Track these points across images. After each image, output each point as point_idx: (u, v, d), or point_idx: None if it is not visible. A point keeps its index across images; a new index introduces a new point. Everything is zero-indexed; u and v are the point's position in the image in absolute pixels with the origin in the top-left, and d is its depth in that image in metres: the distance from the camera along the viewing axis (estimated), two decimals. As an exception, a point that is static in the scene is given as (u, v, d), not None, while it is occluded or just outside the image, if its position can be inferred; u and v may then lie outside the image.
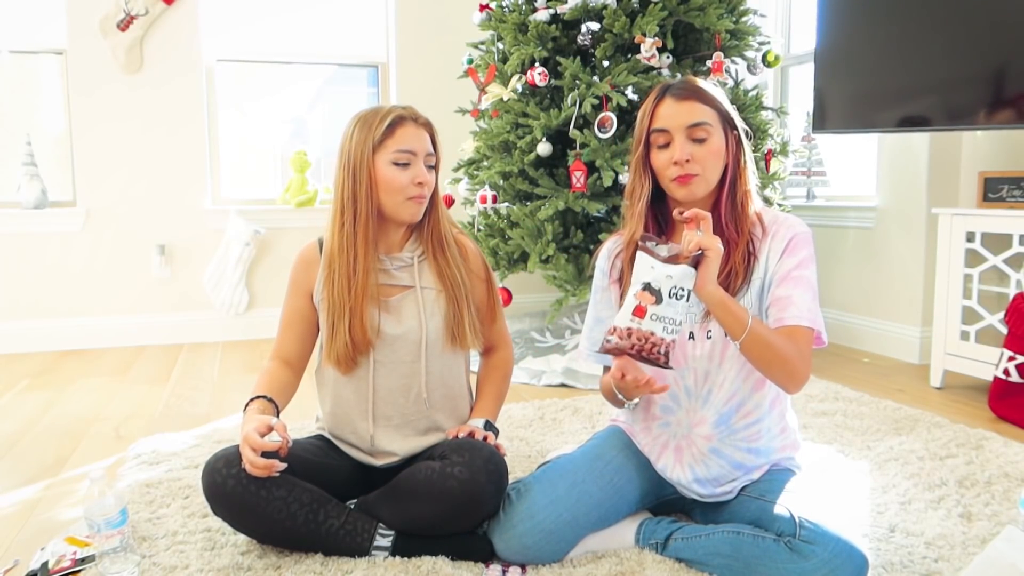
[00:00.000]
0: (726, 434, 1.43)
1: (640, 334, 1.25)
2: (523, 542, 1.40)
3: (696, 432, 1.45)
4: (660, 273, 1.25)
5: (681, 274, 1.25)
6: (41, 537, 1.63)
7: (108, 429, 2.39)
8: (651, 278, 1.25)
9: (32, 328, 3.60)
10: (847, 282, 3.54)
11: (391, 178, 1.48)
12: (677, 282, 1.25)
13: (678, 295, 1.25)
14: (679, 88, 1.40)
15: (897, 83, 2.76)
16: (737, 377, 1.41)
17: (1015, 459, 1.98)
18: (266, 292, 3.89)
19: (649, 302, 1.25)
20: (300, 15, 3.96)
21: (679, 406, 1.46)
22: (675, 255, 1.26)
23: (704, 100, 1.39)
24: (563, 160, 2.93)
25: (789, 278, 1.36)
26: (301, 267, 1.61)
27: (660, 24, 2.79)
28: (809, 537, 1.24)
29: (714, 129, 1.38)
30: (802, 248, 1.38)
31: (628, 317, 1.26)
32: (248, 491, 1.37)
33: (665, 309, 1.25)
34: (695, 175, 1.37)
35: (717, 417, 1.43)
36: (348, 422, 1.58)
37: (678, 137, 1.37)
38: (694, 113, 1.37)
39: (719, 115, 1.40)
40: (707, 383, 1.43)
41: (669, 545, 1.44)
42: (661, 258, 1.26)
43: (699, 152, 1.37)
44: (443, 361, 1.58)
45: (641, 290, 1.25)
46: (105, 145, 3.64)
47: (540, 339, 3.38)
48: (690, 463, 1.46)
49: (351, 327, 1.49)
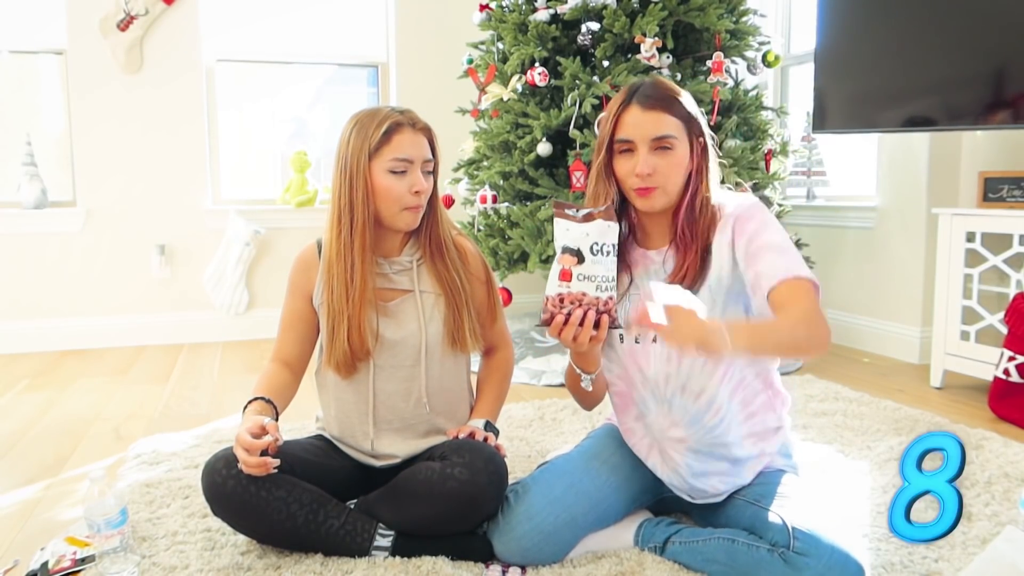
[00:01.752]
0: (700, 433, 1.40)
1: (572, 296, 1.24)
2: (522, 544, 1.40)
3: (670, 435, 1.43)
4: (577, 233, 1.24)
5: (598, 230, 1.24)
6: (41, 537, 1.63)
7: (108, 429, 2.39)
8: (568, 240, 1.25)
9: (32, 328, 3.60)
10: (847, 282, 3.54)
11: (387, 187, 1.46)
12: (596, 238, 1.24)
13: (602, 251, 1.24)
14: (646, 96, 1.35)
15: (897, 83, 2.76)
16: (700, 376, 1.37)
17: (1015, 459, 1.97)
18: (266, 292, 3.89)
19: (571, 263, 1.24)
20: (300, 15, 3.96)
21: (650, 409, 1.44)
22: (589, 214, 1.24)
23: (670, 110, 1.35)
24: (563, 160, 2.93)
25: (749, 255, 1.31)
26: (300, 270, 1.60)
27: (660, 24, 2.79)
28: (803, 549, 1.23)
29: (679, 141, 1.35)
30: (747, 224, 1.33)
31: (556, 284, 1.25)
32: (248, 491, 1.37)
33: (590, 267, 1.24)
34: (655, 187, 1.34)
35: (688, 418, 1.40)
36: (349, 425, 1.58)
37: (642, 148, 1.33)
38: (659, 125, 1.33)
39: (684, 124, 1.36)
40: (670, 386, 1.40)
41: (667, 548, 1.44)
42: (577, 219, 1.25)
43: (662, 164, 1.34)
44: (443, 364, 1.58)
45: (561, 253, 1.25)
46: (105, 145, 3.64)
47: (540, 339, 3.38)
48: (673, 467, 1.46)
49: (349, 335, 1.48)
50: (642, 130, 1.33)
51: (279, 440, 1.37)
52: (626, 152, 1.36)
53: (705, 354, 1.11)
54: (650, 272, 1.42)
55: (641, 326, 1.10)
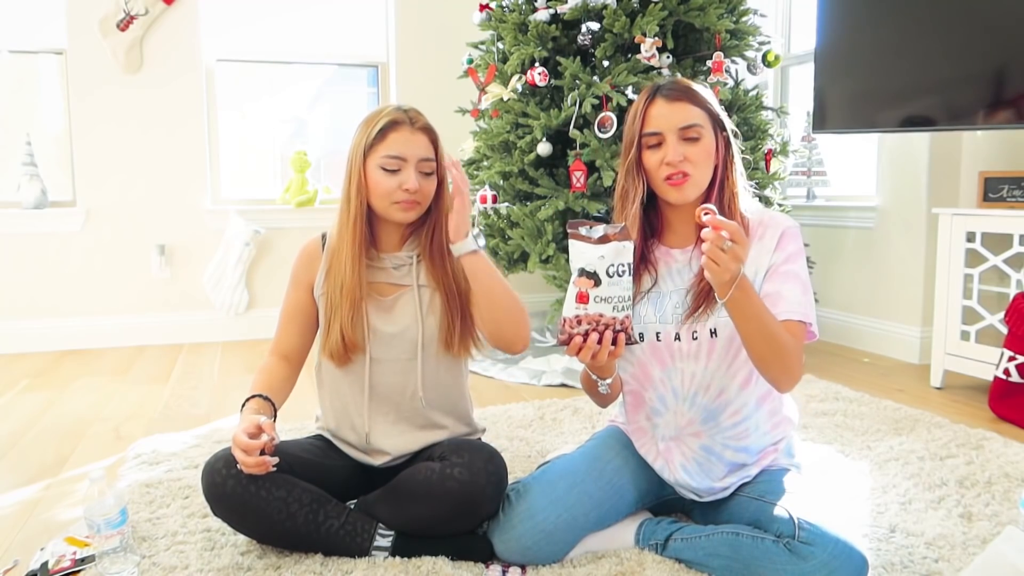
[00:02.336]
0: (715, 431, 1.43)
1: (590, 318, 1.25)
2: (523, 543, 1.40)
3: (685, 431, 1.45)
4: (592, 255, 1.24)
5: (614, 251, 1.24)
6: (41, 537, 1.63)
7: (108, 429, 2.39)
8: (584, 262, 1.25)
9: (32, 328, 3.60)
10: (847, 282, 3.54)
11: (377, 182, 1.48)
12: (612, 260, 1.24)
13: (618, 271, 1.24)
14: (670, 89, 1.39)
15: (897, 83, 2.76)
16: (724, 377, 1.41)
17: (1015, 459, 1.98)
18: (266, 292, 3.89)
19: (588, 286, 1.24)
20: (300, 15, 3.96)
21: (667, 408, 1.45)
22: (604, 235, 1.24)
23: (695, 101, 1.39)
24: (563, 160, 2.93)
25: (777, 273, 1.36)
26: (303, 261, 1.61)
27: (660, 24, 2.79)
28: (808, 538, 1.24)
29: (705, 130, 1.38)
30: (790, 243, 1.38)
31: (573, 306, 1.26)
32: (248, 491, 1.37)
33: (607, 289, 1.24)
34: (688, 176, 1.36)
35: (704, 415, 1.43)
36: (345, 417, 1.58)
37: (670, 138, 1.36)
38: (686, 114, 1.37)
39: (709, 116, 1.40)
40: (693, 384, 1.42)
41: (669, 546, 1.44)
42: (592, 241, 1.25)
43: (692, 152, 1.36)
44: (440, 361, 1.58)
45: (578, 276, 1.25)
46: (105, 145, 3.64)
47: (540, 339, 3.38)
48: (682, 462, 1.46)
49: (342, 326, 1.50)
50: (669, 120, 1.36)
51: (275, 439, 1.37)
52: (655, 146, 1.38)
53: (721, 284, 1.20)
54: (672, 271, 1.44)
55: (716, 225, 1.17)
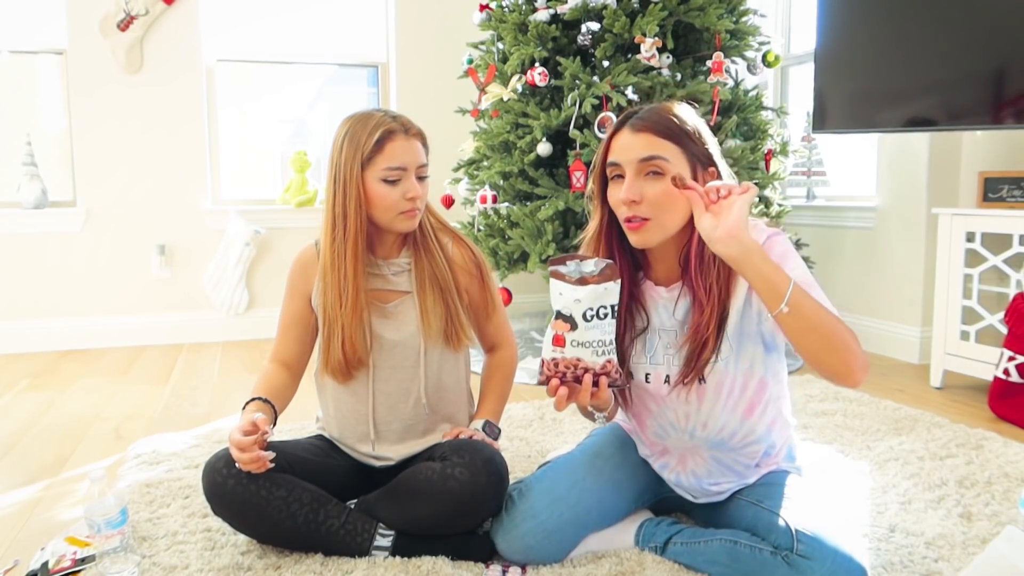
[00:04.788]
0: (725, 451, 1.41)
1: (567, 362, 1.20)
2: (525, 542, 1.40)
3: (694, 452, 1.43)
4: (569, 298, 1.18)
5: (592, 295, 1.17)
6: (41, 537, 1.63)
7: (108, 429, 2.39)
8: (561, 305, 1.20)
9: (32, 328, 3.60)
10: (847, 282, 3.54)
11: (382, 195, 1.45)
12: (590, 304, 1.18)
13: (598, 315, 1.18)
14: (639, 118, 1.27)
15: (897, 83, 2.76)
16: (722, 414, 1.35)
17: (1015, 459, 1.98)
18: (266, 292, 3.89)
19: (564, 330, 1.19)
20: (300, 15, 3.96)
21: (669, 436, 1.43)
22: (582, 277, 1.18)
23: (663, 133, 1.24)
24: (563, 160, 2.93)
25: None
26: (298, 271, 1.60)
27: (660, 24, 2.79)
28: (806, 552, 1.22)
29: (671, 165, 1.23)
30: (775, 247, 1.25)
31: (550, 348, 1.21)
32: (248, 491, 1.37)
33: (584, 334, 1.18)
34: (646, 220, 1.24)
35: (710, 444, 1.40)
36: (350, 427, 1.58)
37: (628, 172, 1.25)
38: (649, 146, 1.23)
39: (683, 150, 1.25)
40: (689, 422, 1.38)
41: (668, 549, 1.44)
42: (571, 281, 1.19)
43: (652, 192, 1.23)
44: (442, 364, 1.58)
45: (555, 319, 1.20)
46: (105, 145, 3.64)
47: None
48: (692, 467, 1.45)
49: (343, 344, 1.49)
50: (629, 152, 1.25)
51: (268, 433, 1.37)
52: (617, 178, 1.28)
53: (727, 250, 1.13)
54: (659, 308, 1.36)
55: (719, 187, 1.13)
